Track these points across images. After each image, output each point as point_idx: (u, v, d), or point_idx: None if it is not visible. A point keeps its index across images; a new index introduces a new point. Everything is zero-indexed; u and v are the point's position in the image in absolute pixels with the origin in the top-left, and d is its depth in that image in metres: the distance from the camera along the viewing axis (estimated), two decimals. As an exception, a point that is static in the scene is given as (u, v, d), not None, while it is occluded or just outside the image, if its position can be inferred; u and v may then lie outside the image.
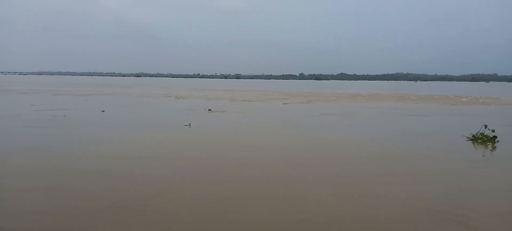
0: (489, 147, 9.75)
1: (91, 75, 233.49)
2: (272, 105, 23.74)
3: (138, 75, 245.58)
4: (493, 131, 10.11)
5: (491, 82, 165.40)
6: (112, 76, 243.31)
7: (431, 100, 31.30)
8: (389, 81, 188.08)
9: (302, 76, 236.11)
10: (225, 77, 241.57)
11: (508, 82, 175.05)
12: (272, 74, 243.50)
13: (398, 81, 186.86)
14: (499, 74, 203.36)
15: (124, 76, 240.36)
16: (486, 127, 10.24)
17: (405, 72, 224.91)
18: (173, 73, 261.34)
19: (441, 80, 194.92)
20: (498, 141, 10.00)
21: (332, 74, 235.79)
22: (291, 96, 34.39)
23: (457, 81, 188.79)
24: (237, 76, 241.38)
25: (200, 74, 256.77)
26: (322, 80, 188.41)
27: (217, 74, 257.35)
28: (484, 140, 10.05)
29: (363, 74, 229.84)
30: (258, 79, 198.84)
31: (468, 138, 10.42)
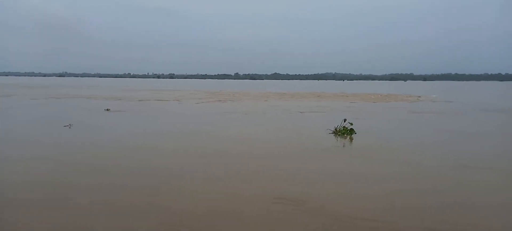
0: (347, 138, 10.66)
1: (6, 75, 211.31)
2: (183, 105, 23.57)
3: (61, 75, 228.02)
4: (351, 124, 11.09)
5: (408, 81, 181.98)
6: (31, 76, 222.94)
7: (339, 98, 33.45)
8: (319, 80, 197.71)
9: (237, 76, 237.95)
10: (158, 77, 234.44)
11: (422, 80, 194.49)
12: (208, 74, 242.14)
13: (327, 80, 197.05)
14: (415, 74, 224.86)
15: (45, 76, 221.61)
16: (345, 120, 11.20)
17: (334, 72, 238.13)
18: (101, 73, 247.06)
19: (365, 80, 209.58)
20: (355, 133, 10.99)
21: (266, 74, 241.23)
22: (212, 95, 34.45)
23: (379, 80, 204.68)
24: (171, 76, 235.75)
25: (131, 74, 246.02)
26: (257, 80, 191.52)
27: (149, 74, 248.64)
28: (343, 132, 10.99)
29: (296, 74, 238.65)
30: (192, 79, 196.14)
31: (331, 131, 11.30)
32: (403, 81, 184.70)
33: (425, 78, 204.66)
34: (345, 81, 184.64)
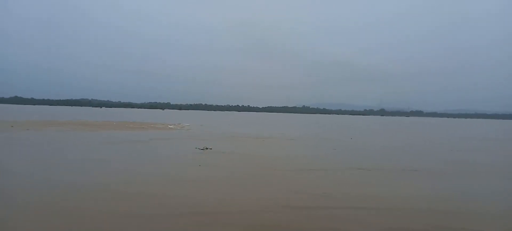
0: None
1: None
2: None
3: None
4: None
5: (166, 110, 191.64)
6: None
7: (67, 126, 30.59)
8: (73, 106, 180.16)
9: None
10: None
11: (178, 109, 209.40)
12: None
13: (82, 107, 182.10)
14: (172, 103, 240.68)
15: None
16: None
17: (90, 99, 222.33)
18: None
19: (125, 107, 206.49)
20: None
21: (4, 97, 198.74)
22: None
23: (138, 108, 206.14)
24: None
25: None
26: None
27: None
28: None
29: (42, 99, 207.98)
30: None
31: None
32: (161, 110, 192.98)
33: (180, 108, 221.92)
34: (103, 108, 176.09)
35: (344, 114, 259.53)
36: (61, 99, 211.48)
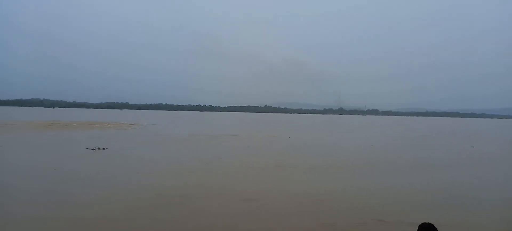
0: None
1: None
2: None
3: None
4: None
5: (124, 110, 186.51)
6: None
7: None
8: (23, 107, 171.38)
9: None
10: None
11: (137, 110, 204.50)
12: None
13: (33, 107, 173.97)
14: (130, 103, 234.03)
15: None
16: None
17: (42, 99, 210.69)
18: None
19: (80, 107, 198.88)
20: None
21: None
22: None
23: (94, 108, 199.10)
24: None
25: None
26: None
27: None
28: None
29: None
30: None
31: None
32: (119, 110, 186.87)
33: (140, 107, 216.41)
34: (56, 108, 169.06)
35: (305, 113, 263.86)
36: (10, 99, 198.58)
